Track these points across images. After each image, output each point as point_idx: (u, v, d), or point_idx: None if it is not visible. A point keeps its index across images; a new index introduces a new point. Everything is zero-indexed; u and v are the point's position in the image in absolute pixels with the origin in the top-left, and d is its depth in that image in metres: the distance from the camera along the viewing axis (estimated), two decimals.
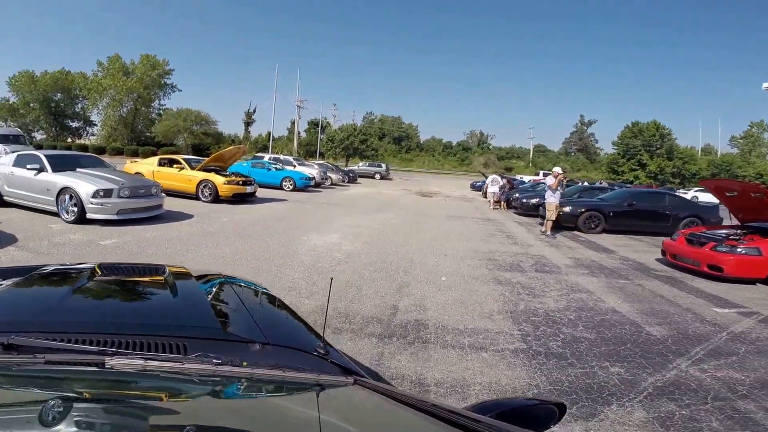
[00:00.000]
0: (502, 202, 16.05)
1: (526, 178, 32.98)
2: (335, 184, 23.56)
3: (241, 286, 1.60)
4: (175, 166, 11.66)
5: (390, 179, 35.21)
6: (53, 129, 46.15)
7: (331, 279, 1.55)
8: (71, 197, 6.90)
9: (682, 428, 2.42)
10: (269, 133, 53.21)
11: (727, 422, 2.52)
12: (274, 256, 5.87)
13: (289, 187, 17.19)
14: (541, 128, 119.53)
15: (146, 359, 0.81)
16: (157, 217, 7.91)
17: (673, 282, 6.16)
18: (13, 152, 18.59)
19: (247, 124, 59.06)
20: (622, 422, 2.44)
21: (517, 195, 15.43)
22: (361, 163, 37.86)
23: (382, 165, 36.76)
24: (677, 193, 15.15)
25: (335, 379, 0.91)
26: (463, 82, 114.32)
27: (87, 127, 49.93)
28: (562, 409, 0.97)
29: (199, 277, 1.55)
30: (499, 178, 16.36)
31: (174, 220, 8.04)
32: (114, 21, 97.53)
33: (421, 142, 75.64)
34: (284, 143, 58.54)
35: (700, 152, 54.20)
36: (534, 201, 13.66)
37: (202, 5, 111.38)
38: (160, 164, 11.80)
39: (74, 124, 49.33)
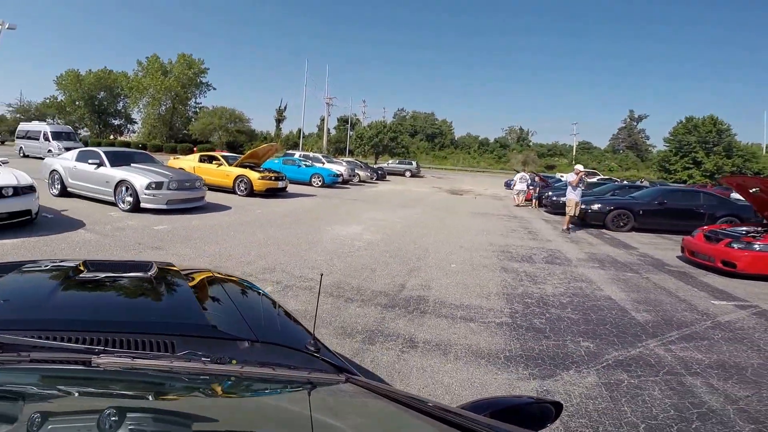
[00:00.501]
0: (534, 200, 16.41)
1: (565, 177, 32.58)
2: (363, 181, 24.53)
3: (229, 282, 1.62)
4: (214, 162, 12.99)
5: (421, 177, 35.81)
6: (97, 126, 49.91)
7: (321, 275, 1.61)
8: (127, 189, 8.18)
9: (624, 393, 2.88)
10: (300, 130, 55.16)
11: (667, 392, 2.93)
12: (301, 242, 6.80)
13: (317, 183, 18.26)
14: (586, 124, 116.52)
15: (134, 357, 0.83)
16: (199, 207, 9.12)
17: (682, 276, 6.56)
18: (65, 148, 20.79)
19: (279, 121, 61.55)
20: (574, 383, 2.97)
21: (549, 193, 15.75)
22: (390, 161, 38.73)
23: (413, 162, 37.43)
24: (714, 192, 14.91)
25: (327, 376, 0.93)
26: (501, 77, 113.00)
27: (128, 125, 53.74)
28: (558, 408, 0.99)
29: (186, 274, 1.56)
30: (526, 176, 16.73)
31: (214, 211, 9.21)
32: (151, 21, 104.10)
33: (456, 139, 75.60)
34: (314, 140, 60.44)
35: (765, 149, 51.12)
36: (564, 199, 13.99)
37: (234, 4, 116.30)
38: (201, 160, 13.16)
39: (116, 122, 53.16)
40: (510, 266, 6.39)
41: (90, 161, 8.89)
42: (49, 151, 22.06)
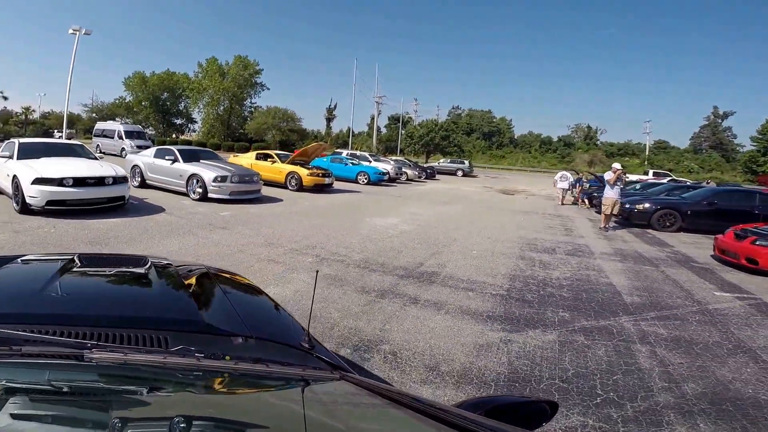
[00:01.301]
0: (582, 200, 16.81)
1: (634, 177, 31.87)
2: (411, 180, 25.77)
3: (224, 278, 1.68)
4: (268, 160, 14.92)
5: (474, 176, 36.41)
6: (161, 125, 55.37)
7: (317, 272, 1.54)
8: (197, 181, 10.07)
9: (572, 350, 3.60)
10: (350, 129, 57.55)
11: (610, 353, 3.58)
12: (340, 229, 8.19)
13: (363, 181, 19.75)
14: (662, 122, 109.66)
15: (127, 352, 0.86)
16: (256, 199, 10.90)
17: (701, 272, 7.14)
18: (136, 146, 23.91)
19: (329, 120, 64.46)
20: (534, 338, 3.80)
21: (596, 193, 16.09)
22: (442, 160, 39.65)
23: (465, 162, 38.11)
24: None
25: (321, 374, 0.98)
26: (567, 72, 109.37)
27: (189, 124, 59.02)
28: (553, 407, 1.05)
29: (181, 269, 1.62)
30: (567, 174, 17.19)
31: (269, 202, 10.95)
32: (209, 24, 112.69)
33: (515, 137, 74.64)
34: (364, 139, 62.58)
35: None
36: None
37: (286, 5, 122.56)
38: (257, 158, 15.15)
39: (178, 121, 58.56)
40: (529, 255, 7.33)
41: (166, 158, 10.93)
42: (123, 149, 25.58)
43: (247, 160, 15.08)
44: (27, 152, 8.18)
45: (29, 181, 7.03)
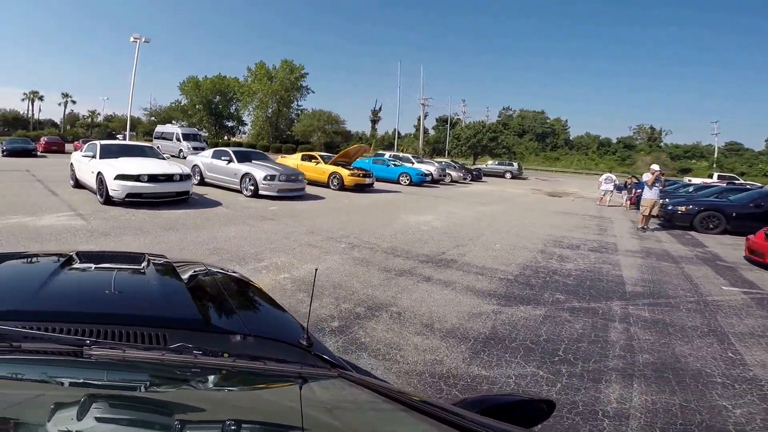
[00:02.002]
0: (627, 202, 16.99)
1: (697, 180, 30.88)
2: (455, 182, 26.45)
3: (222, 275, 1.78)
4: (312, 161, 16.36)
5: (523, 179, 36.51)
6: (214, 128, 59.37)
7: (316, 269, 1.66)
8: (250, 179, 11.57)
9: (553, 322, 4.26)
10: (395, 131, 58.92)
11: (586, 327, 4.18)
12: (375, 223, 9.28)
13: (405, 182, 20.79)
14: (736, 123, 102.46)
15: (125, 349, 0.90)
16: (301, 196, 12.29)
17: (722, 269, 7.53)
18: (193, 148, 26.36)
19: (374, 122, 66.38)
20: (522, 312, 4.51)
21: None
22: (490, 162, 39.97)
23: (514, 164, 38.26)
24: None
25: (319, 371, 1.02)
26: (628, 71, 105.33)
27: (240, 126, 62.90)
28: (550, 406, 1.09)
29: (179, 266, 1.70)
30: (613, 177, 17.44)
31: (312, 199, 12.29)
32: (258, 29, 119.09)
33: (571, 139, 73.03)
34: (410, 141, 63.77)
35: None
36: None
37: (331, 7, 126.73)
38: (302, 159, 16.67)
39: (230, 124, 62.52)
40: (550, 250, 8.04)
41: (222, 158, 12.55)
42: (180, 150, 28.21)
43: (293, 161, 16.62)
44: (107, 152, 9.94)
45: (112, 176, 8.70)
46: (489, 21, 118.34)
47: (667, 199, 13.20)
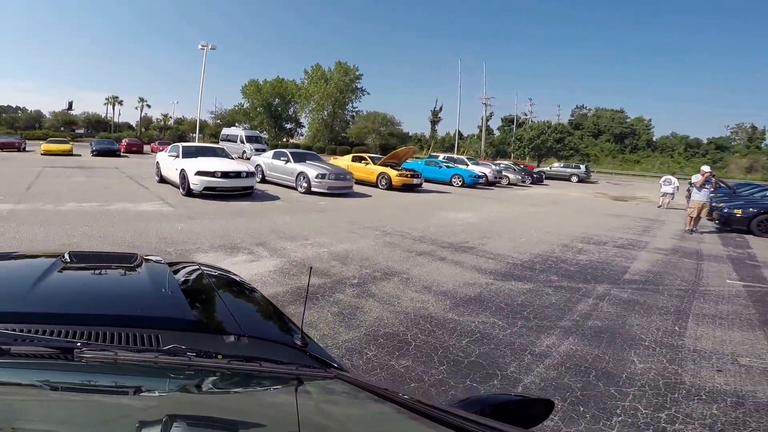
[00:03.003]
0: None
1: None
2: (513, 184, 27.12)
3: (216, 276, 1.85)
4: (362, 161, 18.20)
5: (592, 182, 36.15)
6: (273, 130, 63.65)
7: (311, 268, 1.62)
8: (304, 177, 13.57)
9: (533, 294, 5.26)
10: (457, 132, 59.89)
11: (561, 300, 5.11)
12: (413, 218, 10.78)
13: (458, 183, 22.00)
14: None
15: (117, 351, 0.93)
16: (348, 193, 14.12)
17: (744, 267, 8.07)
18: (254, 149, 29.51)
19: (434, 123, 67.67)
20: (511, 286, 5.55)
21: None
22: (555, 164, 39.94)
23: (581, 166, 38.03)
24: None
25: (315, 372, 1.07)
26: (727, 65, 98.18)
27: (298, 128, 66.97)
28: (549, 406, 1.15)
29: (172, 266, 1.76)
30: (673, 180, 17.63)
31: (359, 197, 14.07)
32: (313, 30, 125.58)
33: (654, 139, 69.90)
34: (473, 142, 64.42)
35: None
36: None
37: (385, 9, 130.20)
38: (353, 160, 18.58)
39: (288, 126, 66.70)
40: (573, 245, 9.05)
41: (281, 159, 14.72)
42: (243, 151, 31.40)
43: (344, 161, 18.59)
44: (188, 153, 12.39)
45: (193, 172, 10.99)
46: (557, 6, 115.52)
47: (722, 203, 13.46)
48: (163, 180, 13.62)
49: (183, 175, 11.39)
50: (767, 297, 6.10)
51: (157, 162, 14.31)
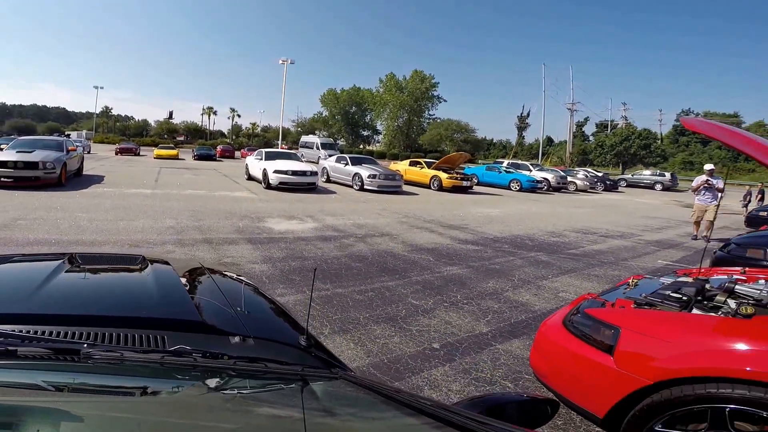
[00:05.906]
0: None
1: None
2: (579, 190, 28.76)
3: (221, 277, 1.97)
4: (417, 165, 21.75)
5: (678, 191, 35.85)
6: (350, 137, 69.18)
7: (315, 269, 1.86)
8: (358, 177, 17.53)
9: (477, 252, 8.45)
10: (546, 138, 61.19)
11: (492, 256, 8.27)
12: (441, 210, 14.01)
13: (515, 188, 24.51)
14: None
15: (123, 352, 0.99)
16: (396, 191, 17.84)
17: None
18: (328, 155, 34.63)
19: (520, 129, 69.19)
20: (467, 247, 8.67)
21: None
22: (646, 171, 40.40)
23: (666, 174, 38.29)
24: None
25: (320, 372, 1.13)
26: None
27: (374, 136, 72.08)
28: (554, 406, 1.23)
29: (177, 268, 1.88)
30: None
31: (406, 194, 17.73)
32: (391, 39, 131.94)
33: None
34: (562, 148, 65.00)
35: None
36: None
37: (466, 16, 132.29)
38: (410, 164, 22.26)
39: (365, 133, 72.02)
40: (559, 232, 11.59)
41: (341, 162, 18.89)
42: (319, 157, 36.51)
43: (402, 166, 22.33)
44: (269, 156, 17.01)
45: (272, 171, 15.46)
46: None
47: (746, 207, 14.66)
48: (250, 177, 18.54)
49: (264, 173, 15.91)
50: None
51: (246, 164, 19.25)
